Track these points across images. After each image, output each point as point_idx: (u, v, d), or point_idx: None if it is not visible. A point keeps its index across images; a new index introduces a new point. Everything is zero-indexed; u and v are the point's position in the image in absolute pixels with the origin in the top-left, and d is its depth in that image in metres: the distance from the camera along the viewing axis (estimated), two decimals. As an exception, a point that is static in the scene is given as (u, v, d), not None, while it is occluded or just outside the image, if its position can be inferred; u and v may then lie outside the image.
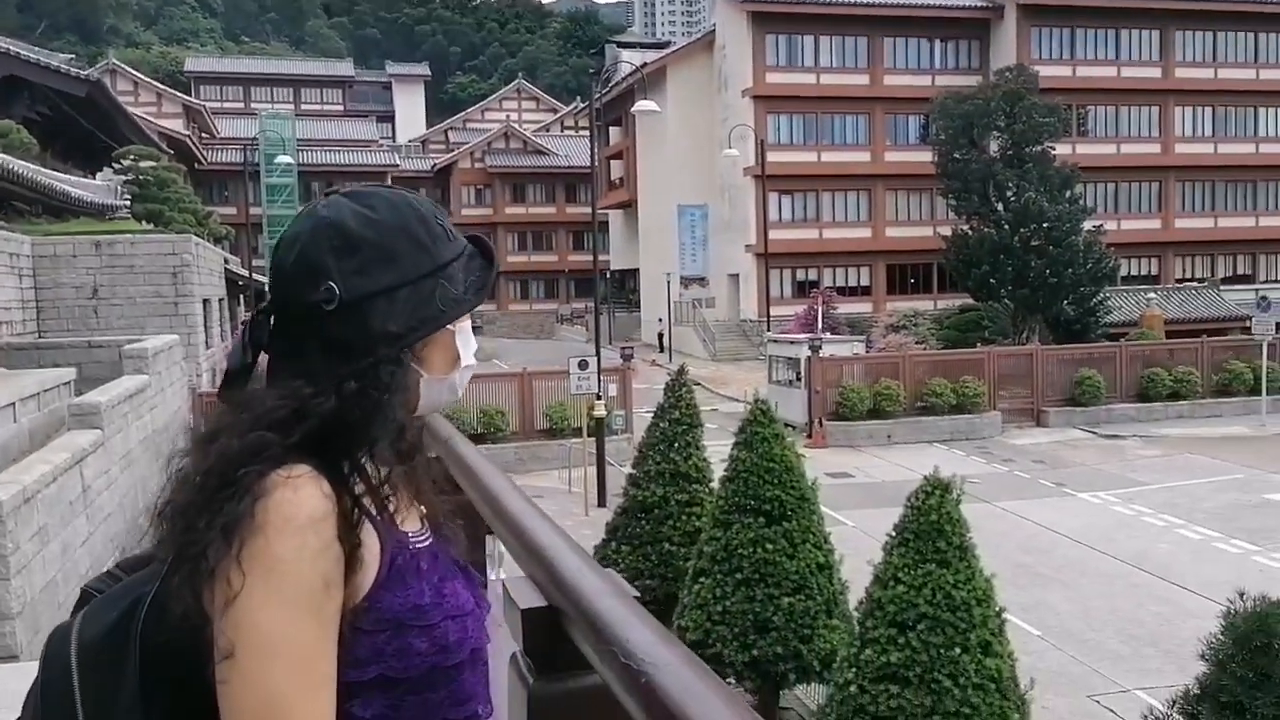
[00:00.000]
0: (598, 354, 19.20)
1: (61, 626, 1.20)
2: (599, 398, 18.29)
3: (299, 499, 1.10)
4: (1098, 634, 12.51)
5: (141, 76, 61.68)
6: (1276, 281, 42.94)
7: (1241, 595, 6.52)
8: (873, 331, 34.79)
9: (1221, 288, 40.40)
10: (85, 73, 28.10)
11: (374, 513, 1.19)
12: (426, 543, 1.27)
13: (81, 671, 1.14)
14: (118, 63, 60.30)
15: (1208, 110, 44.01)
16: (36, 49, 29.89)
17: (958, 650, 6.95)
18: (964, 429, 25.61)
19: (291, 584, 1.07)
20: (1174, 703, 6.74)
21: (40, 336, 17.93)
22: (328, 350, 1.20)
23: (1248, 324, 31.92)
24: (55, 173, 17.79)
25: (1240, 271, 44.20)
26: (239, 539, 1.07)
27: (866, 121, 42.50)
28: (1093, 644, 12.19)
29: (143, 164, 27.88)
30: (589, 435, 18.24)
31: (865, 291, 42.13)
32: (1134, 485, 20.36)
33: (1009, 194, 33.79)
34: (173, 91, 62.01)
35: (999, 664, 7.07)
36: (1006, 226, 33.60)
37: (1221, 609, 6.74)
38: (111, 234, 20.45)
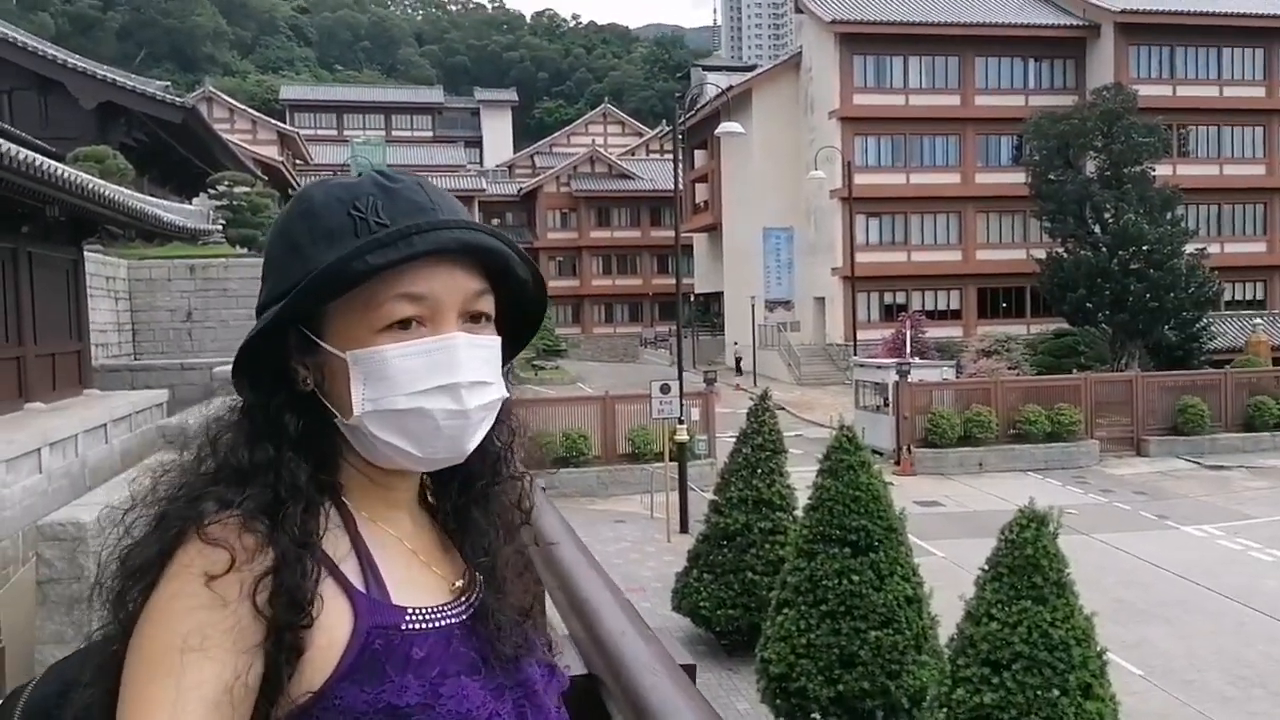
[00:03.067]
0: (680, 378, 19.08)
1: (20, 686, 1.06)
2: (681, 422, 18.15)
3: (200, 546, 0.90)
4: (1203, 674, 11.89)
5: (237, 104, 63.87)
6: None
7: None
8: (963, 356, 34.00)
9: (1335, 313, 38.53)
10: (182, 100, 29.10)
11: (346, 575, 0.96)
12: (441, 623, 0.99)
13: None
14: (214, 90, 62.56)
15: (1316, 130, 42.23)
16: (134, 77, 31.09)
17: (1056, 692, 6.65)
18: (1059, 457, 24.80)
19: (150, 637, 0.88)
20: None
21: (135, 358, 18.50)
22: None
23: (1364, 351, 30.36)
24: (150, 198, 18.40)
25: (1355, 296, 42.14)
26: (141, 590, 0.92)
27: (957, 143, 41.77)
28: (1198, 685, 11.58)
29: (237, 189, 28.72)
30: (671, 460, 18.09)
31: (955, 315, 41.27)
32: (1241, 519, 19.42)
33: (1107, 216, 32.80)
34: (267, 118, 64.06)
35: (1100, 707, 6.74)
36: (1104, 249, 32.60)
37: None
38: (205, 258, 21.04)
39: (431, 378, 0.96)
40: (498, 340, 1.02)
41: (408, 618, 0.96)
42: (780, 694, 8.93)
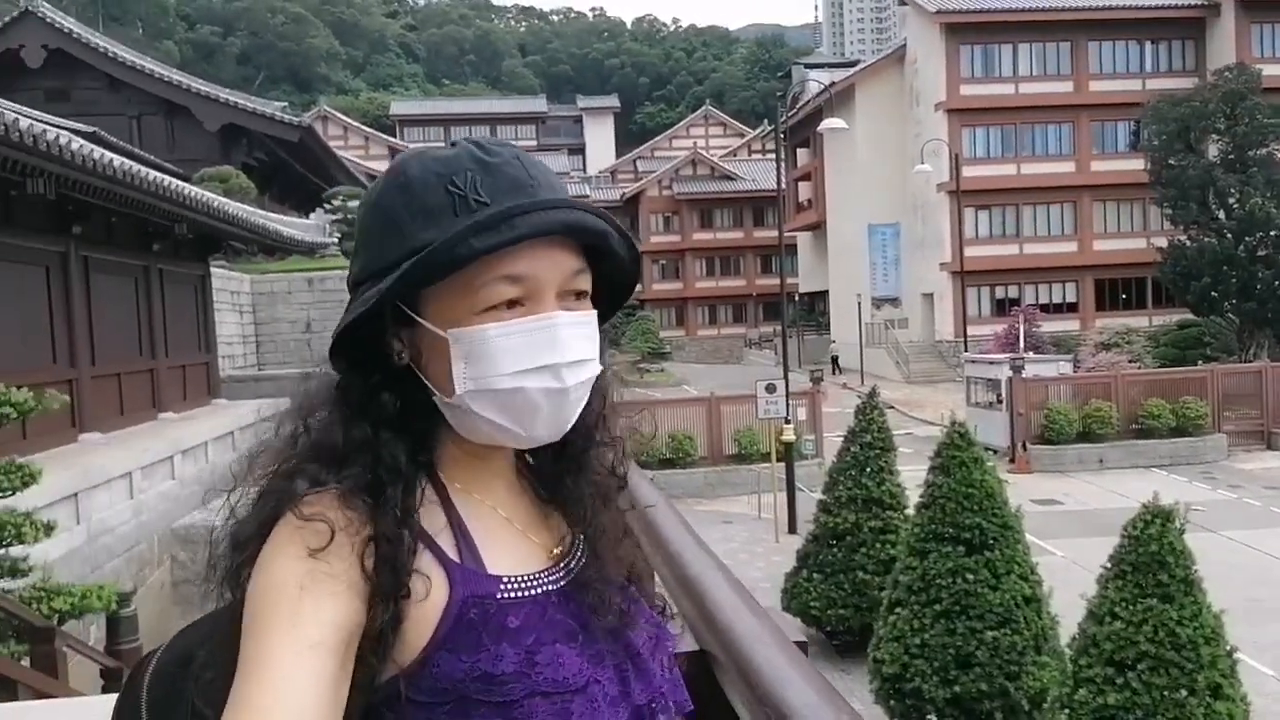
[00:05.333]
0: (785, 377, 18.96)
1: (150, 652, 1.12)
2: (787, 422, 18.04)
3: (298, 524, 0.92)
4: (1346, 680, 11.28)
5: (350, 121, 66.08)
6: None
7: None
8: (1080, 350, 32.91)
9: None
10: (298, 119, 30.24)
11: (442, 547, 0.97)
12: (538, 591, 0.99)
13: (150, 695, 1.05)
14: (329, 109, 64.86)
15: None
16: (254, 99, 32.42)
17: (1184, 693, 6.42)
18: (1184, 453, 23.82)
19: (259, 594, 0.89)
20: None
21: (259, 369, 19.26)
22: None
23: None
24: (271, 214, 19.18)
25: None
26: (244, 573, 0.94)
27: (1071, 130, 40.48)
28: (1341, 691, 10.99)
29: (351, 203, 29.69)
30: (778, 460, 18.00)
31: (1071, 309, 39.97)
32: (1388, 516, 18.34)
33: (1231, 201, 31.36)
34: (379, 134, 66.12)
35: (1230, 707, 6.49)
36: (1229, 236, 31.19)
37: None
38: (323, 270, 21.77)
39: (534, 357, 0.96)
40: (595, 316, 1.03)
41: (502, 587, 0.97)
42: (895, 694, 8.82)
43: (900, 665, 8.69)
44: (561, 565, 1.04)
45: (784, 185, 32.96)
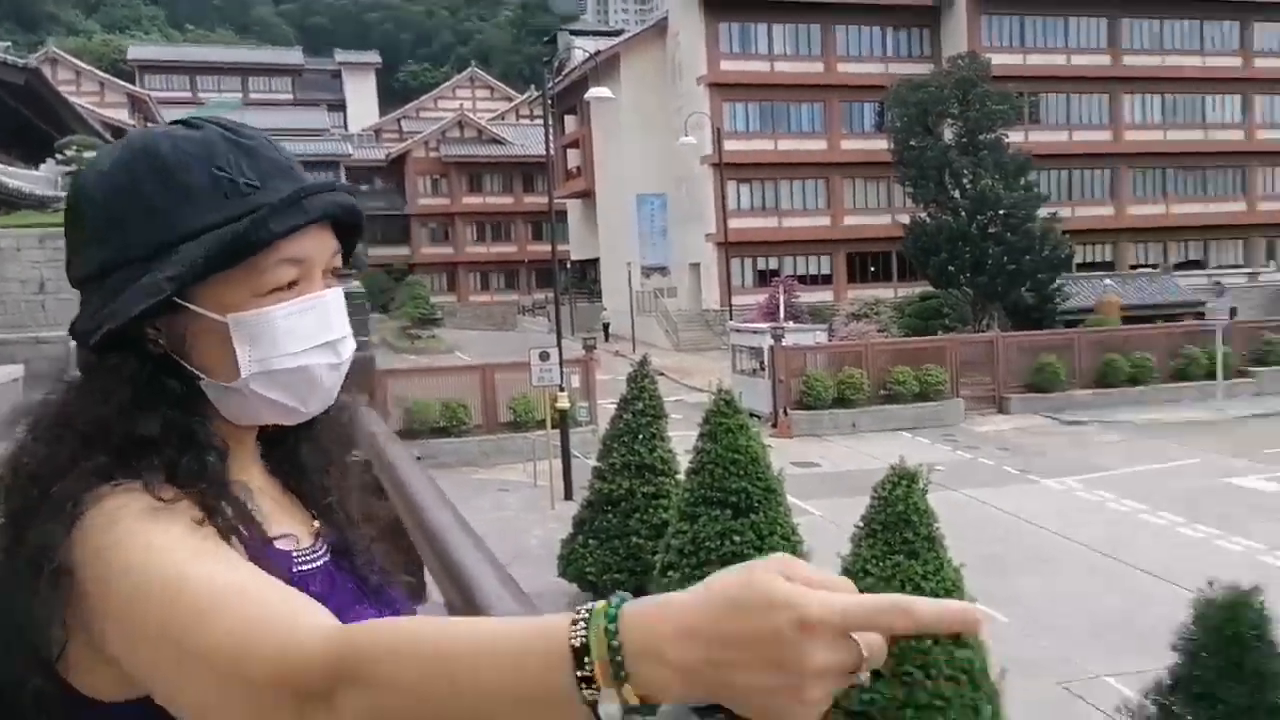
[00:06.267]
0: (559, 345, 18.97)
1: None
2: (562, 389, 18.06)
3: (126, 499, 0.88)
4: (1064, 620, 12.53)
5: (83, 65, 60.37)
6: (1228, 267, 43.61)
7: (1211, 584, 6.47)
8: (835, 320, 34.83)
9: (1175, 273, 40.95)
10: (24, 61, 27.37)
11: (240, 528, 0.94)
12: (318, 561, 1.04)
13: None
14: (58, 51, 59.02)
15: (1156, 98, 44.54)
16: (-29, 38, 29.00)
17: (929, 642, 6.85)
18: (928, 416, 25.70)
19: (147, 556, 0.84)
20: (1147, 693, 6.69)
21: (-12, 331, 17.38)
22: None
23: (1201, 309, 32.38)
24: (-7, 164, 17.24)
25: (1192, 257, 44.85)
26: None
27: (822, 109, 42.52)
28: (1062, 631, 12.20)
29: (86, 154, 27.10)
30: (553, 427, 18.01)
31: (826, 280, 42.21)
32: (1096, 471, 20.50)
33: (965, 181, 33.94)
34: (116, 80, 60.77)
35: (970, 655, 6.98)
36: (964, 214, 33.77)
37: (1191, 597, 6.70)
38: (58, 226, 19.86)
39: (314, 335, 0.99)
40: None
41: (295, 560, 1.00)
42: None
43: (673, 629, 8.88)
44: (322, 535, 1.08)
45: (552, 152, 32.84)
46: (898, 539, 7.12)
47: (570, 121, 55.29)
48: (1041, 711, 10.09)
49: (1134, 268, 42.63)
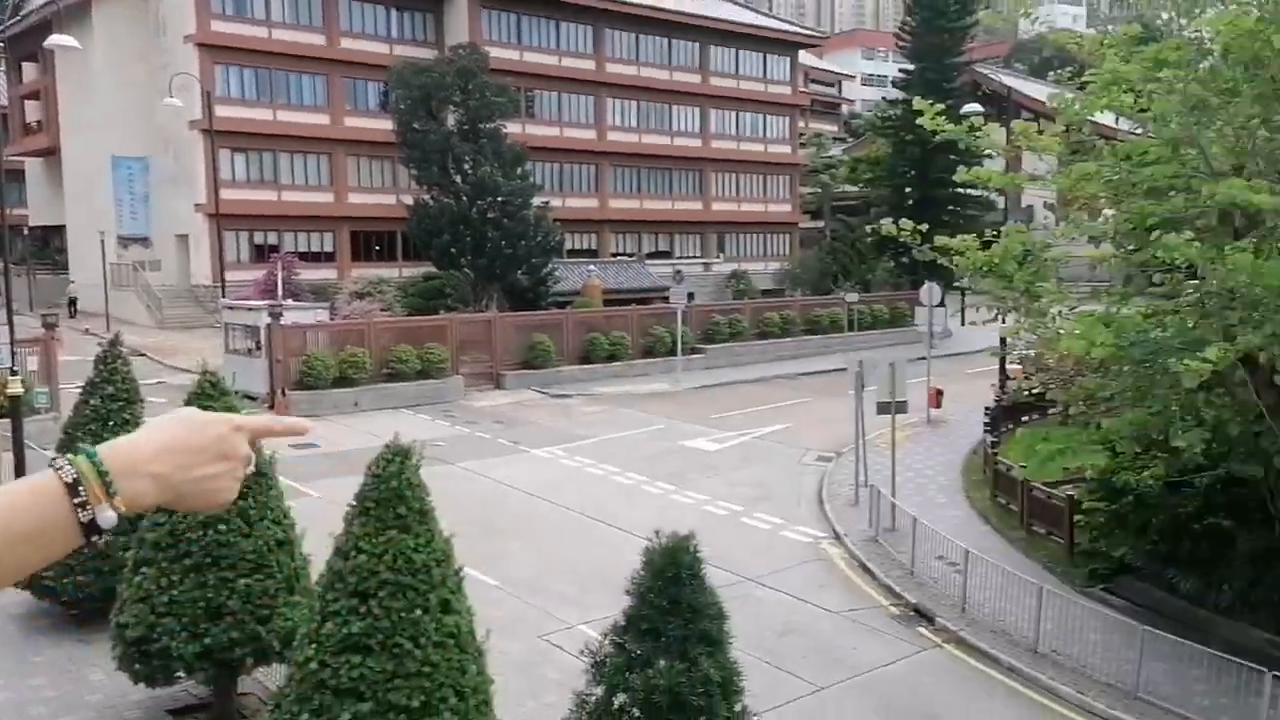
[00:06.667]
0: (10, 322, 16.63)
1: None
2: (14, 373, 15.85)
3: None
4: (548, 578, 13.58)
5: None
6: (688, 258, 49.48)
7: (658, 533, 7.41)
8: (338, 299, 34.21)
9: (647, 262, 45.71)
10: None
11: None
12: None
13: None
14: None
15: (633, 104, 49.17)
16: None
17: (419, 612, 7.10)
18: (430, 394, 26.25)
19: None
20: (606, 634, 7.50)
21: None
22: None
23: (667, 294, 36.45)
24: None
25: (661, 248, 50.27)
26: None
27: (325, 83, 41.31)
28: (544, 588, 13.21)
29: None
30: (4, 416, 15.74)
31: (329, 258, 41.18)
32: (578, 440, 22.35)
33: (466, 167, 35.02)
34: None
35: (458, 620, 7.34)
36: (465, 199, 34.84)
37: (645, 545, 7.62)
38: None
39: None
40: None
41: None
42: (141, 657, 8.38)
43: (146, 626, 8.27)
44: None
45: (6, 102, 28.37)
46: (391, 514, 7.25)
47: (30, 70, 48.25)
48: (524, 663, 10.88)
49: (614, 255, 46.87)
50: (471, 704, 7.11)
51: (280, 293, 29.58)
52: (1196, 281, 11.18)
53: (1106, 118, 12.37)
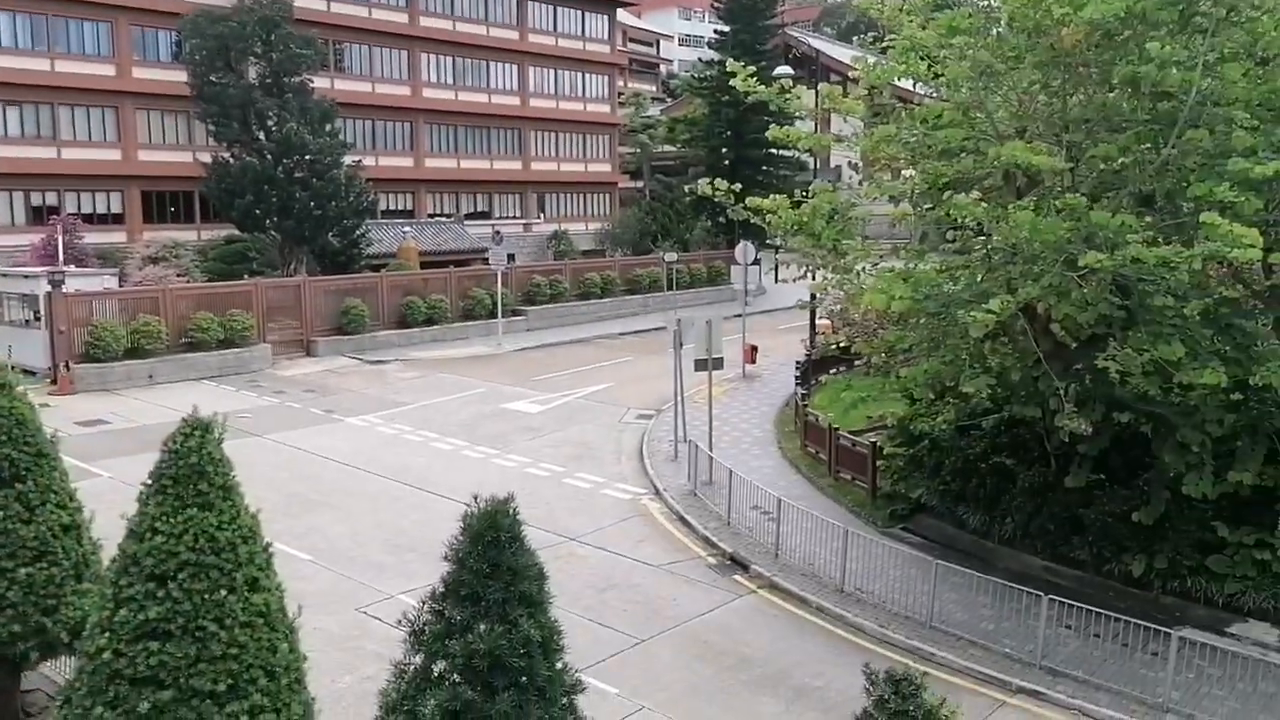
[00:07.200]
0: None
1: None
2: None
3: None
4: (365, 549, 13.24)
5: None
6: (508, 218, 48.92)
7: (476, 497, 7.32)
8: (128, 264, 32.03)
9: (465, 223, 44.91)
10: None
11: None
12: None
13: None
14: None
15: (449, 60, 47.95)
16: None
17: (224, 593, 6.78)
18: (234, 363, 25.08)
19: None
20: (424, 601, 7.38)
21: None
22: None
23: (487, 255, 35.98)
24: None
25: (480, 209, 49.46)
26: None
27: (110, 30, 38.33)
28: (361, 559, 12.88)
29: None
30: None
31: (118, 220, 38.45)
32: (395, 406, 21.85)
33: (271, 124, 33.34)
34: None
35: (267, 598, 7.05)
36: (270, 157, 33.20)
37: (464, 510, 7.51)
38: None
39: None
40: None
41: None
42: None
43: (-85, 627, 7.58)
44: None
45: None
46: (190, 492, 6.86)
47: None
48: (342, 637, 10.60)
49: (431, 216, 45.82)
50: (283, 683, 6.86)
51: (61, 258, 27.51)
52: (984, 238, 11.86)
53: (906, 82, 12.88)
